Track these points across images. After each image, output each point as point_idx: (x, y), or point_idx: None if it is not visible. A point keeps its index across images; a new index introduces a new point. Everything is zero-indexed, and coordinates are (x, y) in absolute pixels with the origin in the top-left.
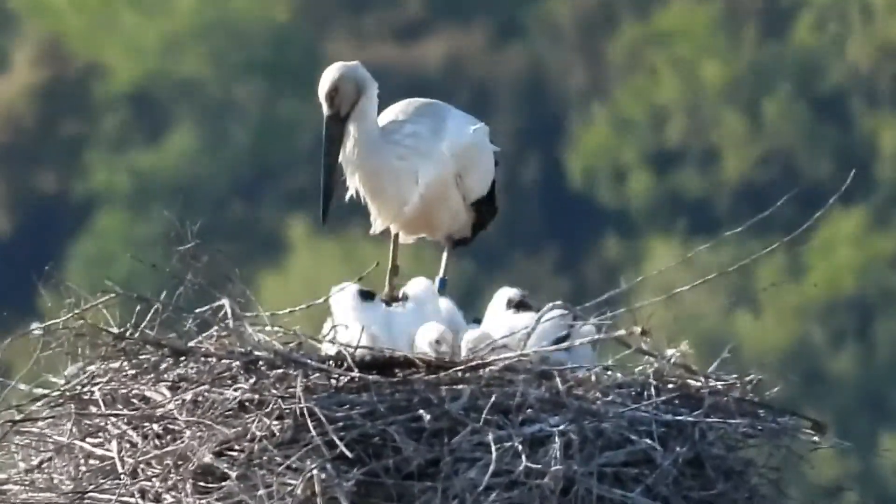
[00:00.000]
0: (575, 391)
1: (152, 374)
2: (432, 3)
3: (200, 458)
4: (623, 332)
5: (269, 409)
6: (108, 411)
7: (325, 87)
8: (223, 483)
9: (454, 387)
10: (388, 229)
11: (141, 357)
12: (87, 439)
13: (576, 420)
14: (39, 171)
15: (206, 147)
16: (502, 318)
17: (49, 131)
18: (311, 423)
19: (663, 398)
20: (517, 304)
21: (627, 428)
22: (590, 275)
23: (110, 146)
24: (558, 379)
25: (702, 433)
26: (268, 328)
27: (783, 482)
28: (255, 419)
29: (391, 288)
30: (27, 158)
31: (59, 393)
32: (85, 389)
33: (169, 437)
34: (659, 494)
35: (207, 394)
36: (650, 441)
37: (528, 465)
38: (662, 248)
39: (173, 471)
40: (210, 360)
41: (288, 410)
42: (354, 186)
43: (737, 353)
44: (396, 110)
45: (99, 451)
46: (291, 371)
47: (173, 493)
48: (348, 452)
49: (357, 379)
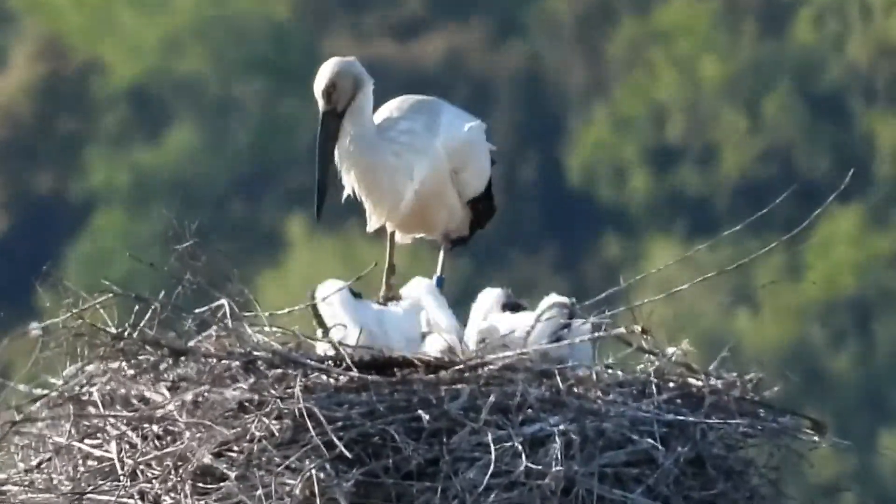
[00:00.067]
0: (575, 390)
1: (151, 375)
2: (432, 0)
3: (200, 458)
4: (623, 330)
5: (268, 409)
6: (106, 412)
7: (322, 82)
8: (222, 484)
9: (453, 386)
10: (385, 229)
11: (140, 357)
12: (86, 440)
13: (576, 419)
14: (38, 169)
15: (206, 146)
16: (494, 319)
17: (47, 129)
18: (310, 423)
19: (665, 397)
20: (512, 306)
21: (629, 427)
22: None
23: (109, 144)
24: (558, 378)
25: (703, 433)
26: (266, 328)
27: (783, 482)
28: (254, 419)
29: (388, 287)
30: (25, 156)
31: (57, 393)
32: (83, 390)
33: (168, 438)
34: (660, 495)
35: (207, 394)
36: (652, 441)
37: (529, 465)
38: (662, 247)
39: (173, 472)
40: (209, 360)
41: (287, 410)
42: (350, 183)
43: (736, 352)
44: (392, 107)
45: (98, 451)
46: (290, 371)
47: (172, 495)
48: (347, 452)
49: (356, 379)
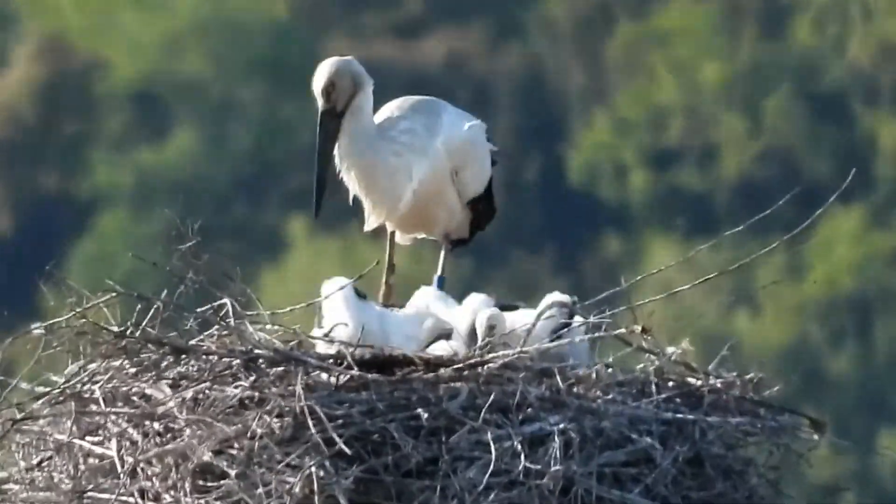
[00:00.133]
0: (575, 389)
1: (153, 373)
2: (432, 1)
3: (200, 456)
4: (623, 329)
5: (268, 406)
6: (108, 409)
7: (321, 81)
8: (222, 482)
9: (453, 385)
10: (385, 229)
11: (142, 355)
12: (87, 437)
13: (576, 419)
14: (41, 169)
15: (208, 146)
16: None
17: (50, 130)
18: (310, 420)
19: (664, 396)
20: (503, 308)
21: (628, 427)
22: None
23: (112, 145)
24: (558, 377)
25: (702, 432)
26: (268, 327)
27: (782, 481)
28: (254, 417)
29: (388, 287)
30: (28, 157)
31: (59, 391)
32: (85, 388)
33: (169, 436)
34: (658, 494)
35: (208, 391)
36: (650, 440)
37: (528, 464)
38: (662, 247)
39: (173, 470)
40: (211, 358)
41: (287, 408)
42: (349, 182)
43: (736, 352)
44: (392, 107)
45: (99, 449)
46: (291, 369)
47: (173, 493)
48: (347, 450)
49: (356, 377)
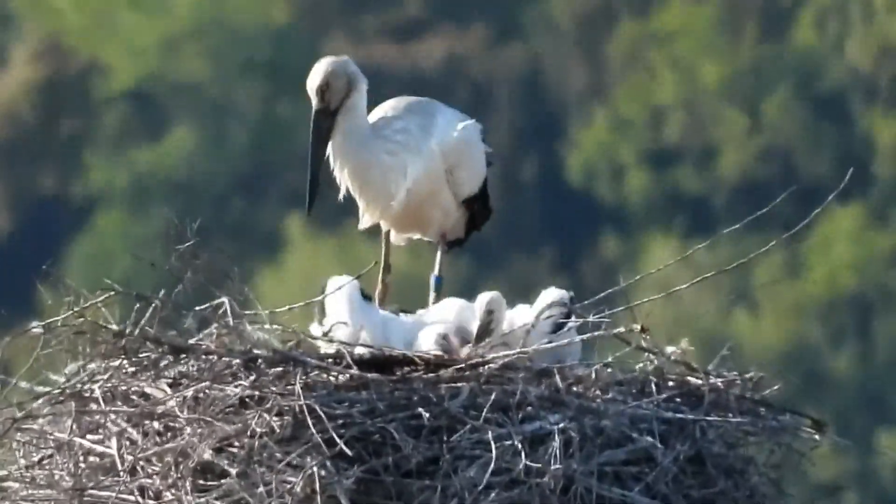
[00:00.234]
0: (575, 389)
1: (152, 372)
2: (431, 2)
3: (200, 454)
4: (622, 329)
5: (268, 405)
6: (108, 408)
7: (315, 81)
8: (223, 480)
9: (453, 385)
10: (381, 229)
11: (141, 355)
12: (88, 436)
13: (576, 418)
14: (39, 169)
15: (205, 146)
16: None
17: (48, 130)
18: (310, 420)
19: (664, 395)
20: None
21: (628, 426)
22: (588, 272)
23: (109, 145)
24: (558, 376)
25: (702, 431)
26: (267, 326)
27: (783, 480)
28: (255, 415)
29: (384, 287)
30: (27, 157)
31: (59, 390)
32: (85, 387)
33: (169, 435)
34: (659, 493)
35: (208, 390)
36: (651, 439)
37: (528, 463)
38: (660, 246)
39: (173, 468)
40: (210, 357)
41: (287, 407)
42: (343, 181)
43: (735, 352)
44: (387, 107)
45: (99, 448)
46: (291, 368)
47: (173, 491)
48: (348, 450)
49: (356, 377)
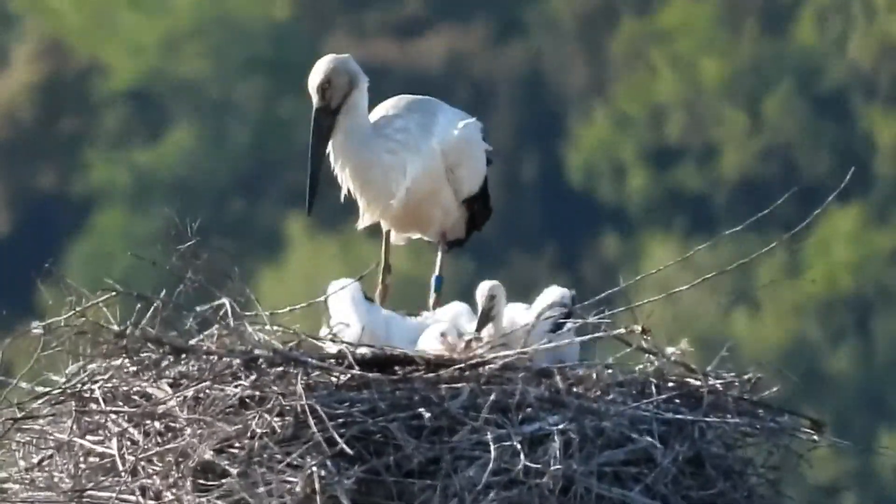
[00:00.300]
0: (575, 389)
1: (153, 372)
2: (432, 0)
3: (201, 454)
4: (622, 330)
5: (269, 405)
6: (108, 408)
7: (317, 79)
8: (223, 481)
9: (454, 385)
10: (381, 228)
11: (142, 355)
12: (88, 436)
13: (576, 419)
14: (39, 168)
15: (206, 145)
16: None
17: (49, 129)
18: (311, 420)
19: (664, 396)
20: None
21: (628, 426)
22: (588, 272)
23: (110, 144)
24: (558, 377)
25: (701, 432)
26: (267, 327)
27: (782, 481)
28: (255, 416)
29: (384, 287)
30: (27, 156)
31: (59, 391)
32: (86, 387)
33: (170, 435)
34: (658, 493)
35: (208, 391)
36: (651, 439)
37: (528, 463)
38: (661, 246)
39: (174, 468)
40: (211, 357)
41: (288, 407)
42: (343, 180)
43: (735, 352)
44: (388, 106)
45: (99, 448)
46: (292, 369)
47: (174, 491)
48: (349, 450)
49: (357, 377)
